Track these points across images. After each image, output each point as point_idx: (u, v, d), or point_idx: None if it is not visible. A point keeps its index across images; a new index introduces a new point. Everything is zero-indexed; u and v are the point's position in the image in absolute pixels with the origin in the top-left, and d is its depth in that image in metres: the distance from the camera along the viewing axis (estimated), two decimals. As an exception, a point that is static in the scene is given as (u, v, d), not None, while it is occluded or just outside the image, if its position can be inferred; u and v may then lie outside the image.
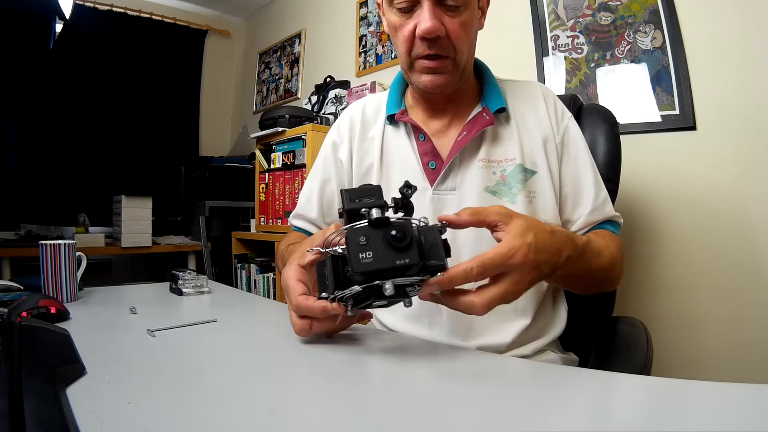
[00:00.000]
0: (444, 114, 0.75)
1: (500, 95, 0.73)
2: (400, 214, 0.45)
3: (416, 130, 0.74)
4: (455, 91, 0.73)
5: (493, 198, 0.70)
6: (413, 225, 0.43)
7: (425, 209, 0.71)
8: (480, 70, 0.78)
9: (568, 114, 0.76)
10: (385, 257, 0.40)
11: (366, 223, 0.42)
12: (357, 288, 0.42)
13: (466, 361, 0.49)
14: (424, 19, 0.62)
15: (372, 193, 0.44)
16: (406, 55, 0.68)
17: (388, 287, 0.40)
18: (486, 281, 0.46)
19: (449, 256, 0.44)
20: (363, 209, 0.43)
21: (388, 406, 0.38)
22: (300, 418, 0.35)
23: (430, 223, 0.44)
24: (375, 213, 0.42)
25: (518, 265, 0.45)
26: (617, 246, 0.67)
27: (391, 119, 0.76)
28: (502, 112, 0.72)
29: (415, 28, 0.64)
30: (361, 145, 0.79)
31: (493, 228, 0.48)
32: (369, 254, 0.40)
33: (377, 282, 0.41)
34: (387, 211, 0.44)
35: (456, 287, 0.45)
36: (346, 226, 0.43)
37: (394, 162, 0.76)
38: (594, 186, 0.71)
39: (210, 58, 3.36)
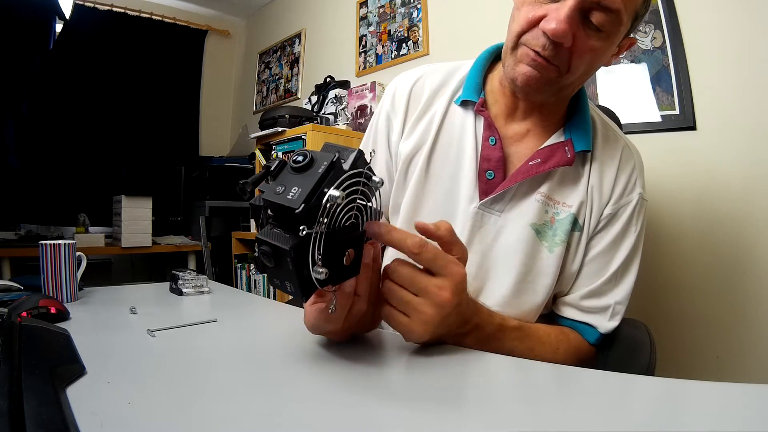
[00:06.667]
0: (525, 120, 0.66)
1: (589, 134, 0.65)
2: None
3: (489, 130, 0.65)
4: (543, 104, 0.64)
5: (534, 237, 0.63)
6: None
7: (464, 222, 0.64)
8: (578, 93, 0.67)
9: (638, 193, 0.65)
10: (307, 180, 0.37)
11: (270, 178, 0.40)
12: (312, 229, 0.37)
13: (468, 361, 0.49)
14: (558, 19, 0.52)
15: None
16: (516, 36, 0.58)
17: (336, 194, 0.36)
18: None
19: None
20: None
21: (389, 406, 0.38)
22: (299, 419, 0.35)
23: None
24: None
25: (446, 299, 0.45)
26: (567, 351, 0.62)
27: (465, 104, 0.67)
28: (585, 153, 0.65)
29: (542, 18, 0.54)
30: (416, 124, 0.69)
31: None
32: (295, 189, 0.37)
33: (323, 201, 0.37)
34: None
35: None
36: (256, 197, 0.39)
37: (448, 152, 0.66)
38: (610, 275, 0.65)
39: (210, 58, 3.37)
